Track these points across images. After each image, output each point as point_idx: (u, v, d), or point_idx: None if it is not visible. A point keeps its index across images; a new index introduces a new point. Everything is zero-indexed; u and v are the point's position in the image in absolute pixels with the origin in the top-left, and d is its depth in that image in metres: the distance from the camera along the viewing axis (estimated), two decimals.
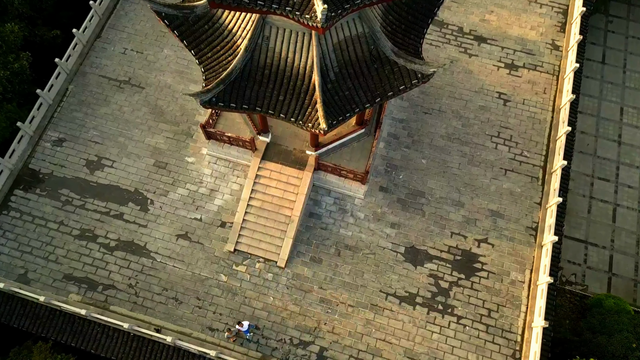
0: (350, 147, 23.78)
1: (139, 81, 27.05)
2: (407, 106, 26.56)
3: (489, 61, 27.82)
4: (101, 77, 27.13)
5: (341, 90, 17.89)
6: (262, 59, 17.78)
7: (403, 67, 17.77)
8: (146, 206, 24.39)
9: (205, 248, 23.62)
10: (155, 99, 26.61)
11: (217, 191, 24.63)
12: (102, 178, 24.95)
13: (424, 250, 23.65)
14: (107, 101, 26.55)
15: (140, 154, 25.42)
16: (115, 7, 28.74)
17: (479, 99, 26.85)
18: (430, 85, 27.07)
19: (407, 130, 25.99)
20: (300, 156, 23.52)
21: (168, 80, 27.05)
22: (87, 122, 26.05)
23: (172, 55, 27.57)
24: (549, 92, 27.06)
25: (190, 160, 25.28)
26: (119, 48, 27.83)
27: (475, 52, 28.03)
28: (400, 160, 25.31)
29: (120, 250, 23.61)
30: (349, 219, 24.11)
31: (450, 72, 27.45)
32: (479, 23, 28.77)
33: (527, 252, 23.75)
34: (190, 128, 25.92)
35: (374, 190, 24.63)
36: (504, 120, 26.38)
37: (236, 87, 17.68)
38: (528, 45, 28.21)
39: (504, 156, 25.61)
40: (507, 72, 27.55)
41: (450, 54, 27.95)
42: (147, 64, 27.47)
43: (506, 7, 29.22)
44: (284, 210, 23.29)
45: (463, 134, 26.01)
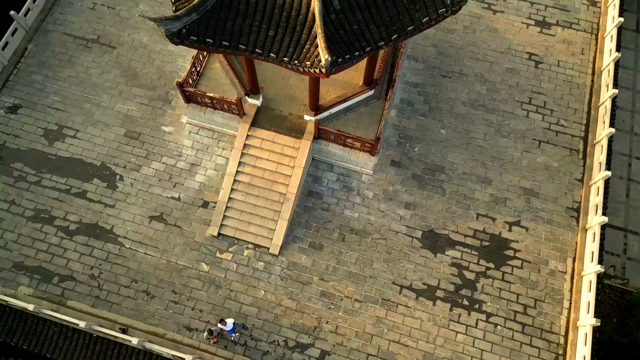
0: (357, 113, 19.93)
1: (109, 40, 23.21)
2: (423, 68, 22.71)
3: (517, 18, 23.98)
4: (65, 35, 23.29)
5: (348, 24, 14.06)
6: None
7: None
8: (114, 183, 20.52)
9: (184, 232, 19.75)
10: (128, 60, 22.76)
11: (198, 166, 20.76)
12: (62, 150, 21.09)
13: (445, 234, 19.77)
14: (71, 62, 22.70)
15: (109, 122, 21.56)
16: None
17: (506, 61, 23.00)
18: (449, 44, 23.25)
19: (423, 96, 22.13)
20: (297, 122, 19.66)
21: (143, 39, 23.22)
22: (48, 86, 22.19)
23: (149, 11, 23.74)
24: (587, 53, 23.22)
25: (167, 129, 21.42)
26: (87, 3, 24.00)
27: (501, 8, 24.19)
28: (416, 130, 21.44)
29: (82, 234, 19.72)
30: (355, 198, 20.24)
31: (472, 31, 23.61)
32: None
33: (568, 237, 19.86)
34: (168, 93, 22.07)
35: (385, 165, 20.76)
36: (536, 85, 22.52)
37: (214, 18, 13.85)
38: (561, 0, 24.38)
39: (537, 125, 21.75)
40: (538, 30, 23.71)
41: (471, 9, 24.10)
42: (119, 20, 23.63)
43: None
44: (278, 186, 19.42)
45: (489, 100, 22.15)
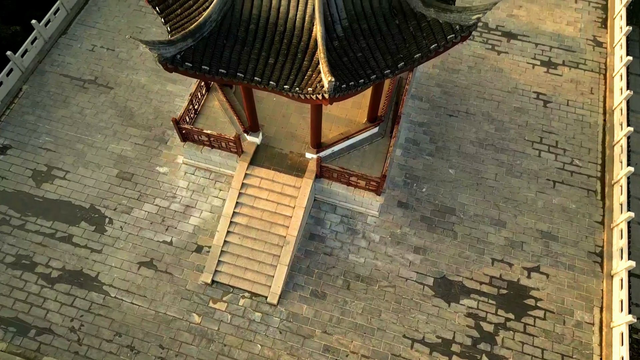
0: (361, 151, 18.94)
1: (106, 80, 22.70)
2: (428, 108, 22.00)
3: (522, 59, 23.58)
4: (62, 76, 22.82)
5: (352, 51, 13.33)
6: (247, 10, 13.36)
7: (434, 21, 13.31)
8: (103, 226, 19.21)
9: (175, 279, 18.20)
10: (125, 100, 22.12)
11: (193, 207, 19.53)
12: (50, 192, 19.94)
13: (459, 281, 18.19)
14: (66, 102, 22.06)
15: (101, 163, 20.57)
16: (87, 2, 24.99)
17: (514, 100, 22.33)
18: (453, 84, 22.68)
19: (429, 135, 21.25)
20: (298, 161, 18.63)
21: (142, 79, 22.71)
22: (40, 127, 21.41)
23: (148, 53, 23.41)
24: (597, 92, 22.58)
25: (162, 170, 20.37)
26: (86, 45, 23.74)
27: (505, 49, 23.86)
28: (423, 170, 20.38)
29: (64, 282, 18.17)
30: (360, 241, 18.84)
31: (477, 71, 23.13)
32: (506, 18, 24.85)
33: (592, 284, 18.24)
34: (164, 133, 21.24)
35: (392, 207, 19.52)
36: (546, 124, 21.70)
37: (211, 45, 13.14)
38: (566, 41, 24.10)
39: (550, 165, 20.69)
40: (545, 70, 23.23)
41: (475, 51, 23.77)
42: (118, 61, 23.25)
43: (536, 2, 25.43)
44: (277, 228, 18.09)
45: (498, 139, 21.25)
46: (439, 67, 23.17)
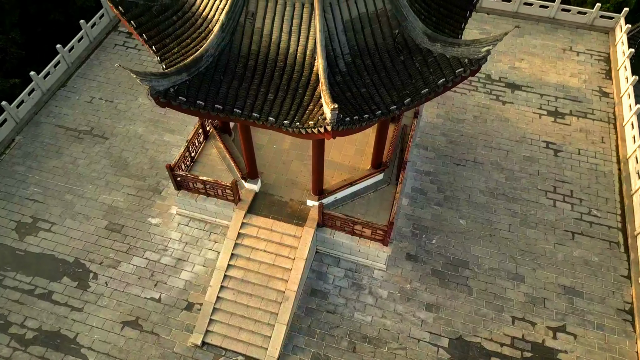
0: (365, 199, 17.83)
1: (102, 131, 22.11)
2: (434, 157, 21.16)
3: (527, 109, 23.11)
4: (57, 127, 22.26)
5: (355, 87, 12.64)
6: (245, 45, 12.84)
7: (441, 56, 12.73)
8: (86, 282, 17.71)
9: (161, 341, 16.41)
10: (120, 150, 21.37)
11: (185, 261, 18.11)
12: (33, 245, 18.63)
13: (477, 343, 16.36)
14: (59, 153, 21.31)
15: (90, 214, 19.41)
16: (88, 56, 25.05)
17: (523, 149, 21.53)
18: (459, 133, 22.02)
19: (437, 184, 20.23)
20: (299, 209, 17.48)
21: (139, 129, 22.13)
22: (29, 177, 20.49)
23: (148, 104, 23.03)
24: (608, 141, 21.83)
25: (154, 221, 19.17)
26: (85, 97, 23.44)
27: (509, 100, 23.46)
28: (431, 220, 19.14)
29: (39, 344, 16.38)
30: (366, 298, 17.23)
31: (483, 120, 22.56)
32: (508, 70, 24.71)
33: (625, 345, 16.39)
34: (159, 183, 20.26)
35: (400, 259, 18.08)
36: (558, 173, 20.73)
37: (207, 80, 12.48)
38: (571, 92, 23.75)
39: (566, 216, 19.46)
40: (552, 119, 22.66)
41: (479, 101, 23.36)
42: (116, 112, 22.80)
43: (538, 55, 25.43)
44: (276, 283, 16.58)
45: (509, 188, 20.19)
46: (443, 116, 22.65)
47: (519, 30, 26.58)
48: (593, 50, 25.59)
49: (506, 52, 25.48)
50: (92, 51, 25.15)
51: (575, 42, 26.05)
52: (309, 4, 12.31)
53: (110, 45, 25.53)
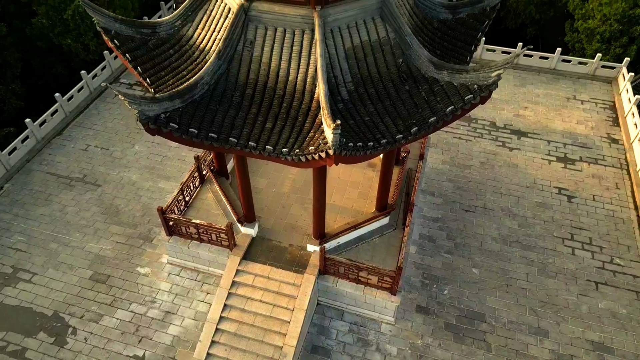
0: (371, 244, 16.59)
1: (95, 178, 21.28)
2: (441, 203, 20.11)
3: (536, 155, 22.37)
4: (49, 175, 21.47)
5: (358, 115, 11.92)
6: (243, 74, 12.28)
7: (448, 84, 12.10)
8: (64, 337, 16.05)
9: None
10: (112, 198, 20.41)
11: (174, 314, 16.55)
12: (10, 297, 17.16)
13: None
14: (48, 201, 20.34)
15: (75, 263, 18.09)
16: (87, 106, 24.81)
17: (534, 195, 20.52)
18: (466, 179, 21.12)
19: (446, 231, 19.03)
20: (299, 254, 16.20)
21: (133, 177, 21.30)
22: (14, 226, 19.38)
23: (144, 151, 22.40)
24: (623, 188, 20.85)
25: (142, 271, 17.80)
26: (80, 145, 22.87)
27: (516, 146, 22.80)
28: (442, 269, 17.75)
29: None
30: (374, 355, 15.47)
31: (490, 166, 21.75)
32: (513, 118, 24.28)
33: None
34: (150, 231, 19.11)
35: (409, 312, 16.50)
36: (574, 220, 19.57)
37: (202, 108, 11.78)
38: (579, 139, 23.14)
39: (587, 264, 18.07)
40: (562, 165, 21.84)
41: (485, 147, 22.70)
42: (111, 160, 22.10)
43: (541, 103, 25.13)
44: (272, 337, 14.94)
45: (523, 235, 18.95)
46: (448, 162, 21.87)
47: (521, 80, 26.52)
48: (597, 99, 25.32)
49: (509, 101, 25.21)
50: (91, 101, 24.97)
51: (578, 91, 25.88)
52: (310, 31, 11.88)
53: (111, 95, 25.39)
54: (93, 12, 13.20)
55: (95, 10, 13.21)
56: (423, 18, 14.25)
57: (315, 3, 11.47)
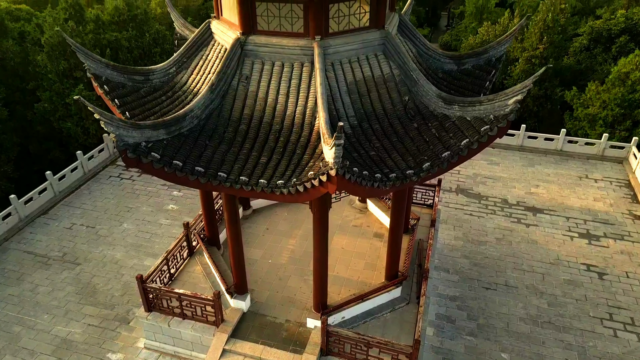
0: (381, 320, 14.23)
1: (75, 257, 19.46)
2: (458, 280, 17.99)
3: (555, 231, 20.70)
4: (26, 254, 19.70)
5: (362, 148, 10.71)
6: (237, 109, 11.32)
7: (460, 119, 11.07)
8: None
9: None
10: (91, 277, 18.39)
11: None
12: None
13: None
14: (19, 280, 18.31)
15: (37, 348, 15.55)
16: (79, 186, 23.82)
17: (561, 272, 18.46)
18: (483, 255, 19.22)
19: (465, 310, 16.67)
20: (297, 331, 13.79)
21: (117, 255, 19.47)
22: None
23: (132, 229, 20.84)
24: None
25: (114, 357, 15.19)
26: (65, 223, 21.40)
27: (533, 222, 21.22)
28: (465, 354, 15.11)
29: None
30: None
31: (508, 242, 19.96)
32: (525, 195, 23.03)
33: None
34: (129, 312, 16.80)
35: None
36: (610, 298, 17.28)
37: (189, 143, 10.62)
38: (600, 215, 21.63)
39: (635, 347, 15.44)
40: (586, 242, 20.05)
41: (499, 224, 21.11)
42: (95, 238, 20.46)
43: (553, 182, 24.06)
44: None
45: (555, 315, 16.55)
46: (461, 238, 20.13)
47: (528, 161, 25.79)
48: (611, 178, 24.31)
49: (519, 180, 24.19)
50: (84, 182, 24.07)
51: (589, 170, 24.99)
52: (309, 63, 11.19)
53: (105, 177, 24.57)
54: (84, 57, 12.73)
55: (86, 56, 12.75)
56: (427, 68, 13.75)
57: (314, 33, 10.94)
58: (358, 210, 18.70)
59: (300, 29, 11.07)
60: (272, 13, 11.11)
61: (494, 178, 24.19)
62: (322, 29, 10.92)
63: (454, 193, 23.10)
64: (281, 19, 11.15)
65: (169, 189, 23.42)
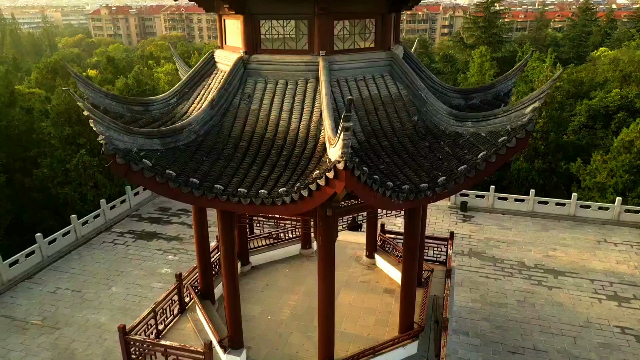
0: None
1: (56, 320, 17.71)
2: (479, 344, 16.06)
3: (581, 293, 19.04)
4: (3, 318, 17.96)
5: (372, 162, 9.91)
6: (238, 127, 10.71)
7: (475, 135, 10.41)
8: None
9: None
10: (70, 342, 16.54)
11: None
12: None
13: None
14: None
15: None
16: (70, 252, 22.56)
17: (593, 335, 16.56)
18: (505, 318, 17.44)
19: None
20: None
21: (102, 319, 17.73)
22: None
23: (121, 293, 19.27)
24: None
25: None
26: (50, 287, 19.88)
27: (555, 284, 19.62)
28: None
29: None
30: None
31: (531, 305, 18.25)
32: (543, 258, 21.62)
33: None
34: None
35: None
36: None
37: (184, 157, 9.86)
38: (626, 277, 20.07)
39: None
40: (616, 304, 18.33)
41: (519, 286, 19.51)
42: (79, 302, 18.82)
43: (570, 246, 22.75)
44: None
45: None
46: (479, 301, 18.45)
47: (541, 226, 24.67)
48: (632, 242, 23.04)
49: (534, 244, 22.90)
50: (75, 247, 22.86)
51: (607, 235, 23.77)
52: (314, 79, 10.82)
53: (98, 243, 23.41)
54: (84, 85, 12.45)
55: (86, 84, 12.49)
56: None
57: (319, 48, 10.70)
58: (365, 266, 17.36)
59: (305, 46, 10.87)
60: (276, 31, 10.99)
61: (507, 242, 22.93)
62: (327, 45, 10.70)
63: (467, 256, 21.73)
64: (285, 37, 11.02)
65: (164, 253, 22.14)
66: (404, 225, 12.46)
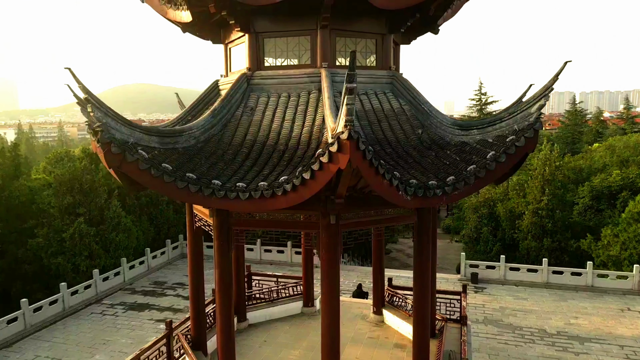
0: None
1: None
2: None
3: (611, 358, 17.17)
4: None
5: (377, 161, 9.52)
6: (240, 136, 10.47)
7: (482, 142, 10.12)
8: None
9: None
10: None
11: None
12: None
13: None
14: None
15: None
16: (55, 322, 20.96)
17: None
18: None
19: None
20: None
21: None
22: None
23: (105, 358, 17.44)
24: None
25: None
26: (28, 355, 18.11)
27: (582, 350, 17.83)
28: None
29: None
30: None
31: None
32: (565, 326, 19.93)
33: None
34: None
35: None
36: None
37: (184, 158, 9.52)
38: None
39: None
40: None
41: (543, 352, 17.70)
42: None
43: (593, 314, 21.13)
44: None
45: None
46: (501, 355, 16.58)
47: (558, 296, 23.16)
48: None
49: (554, 312, 21.28)
50: (61, 318, 21.31)
51: (630, 304, 22.20)
52: (317, 90, 10.86)
53: (86, 314, 21.89)
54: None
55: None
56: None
57: (322, 61, 10.90)
58: (373, 324, 15.99)
59: (307, 60, 11.11)
60: (279, 47, 11.32)
61: (524, 311, 21.33)
62: (329, 58, 10.93)
63: (482, 324, 20.04)
64: (288, 52, 11.31)
65: (155, 323, 20.54)
66: (414, 250, 11.65)
